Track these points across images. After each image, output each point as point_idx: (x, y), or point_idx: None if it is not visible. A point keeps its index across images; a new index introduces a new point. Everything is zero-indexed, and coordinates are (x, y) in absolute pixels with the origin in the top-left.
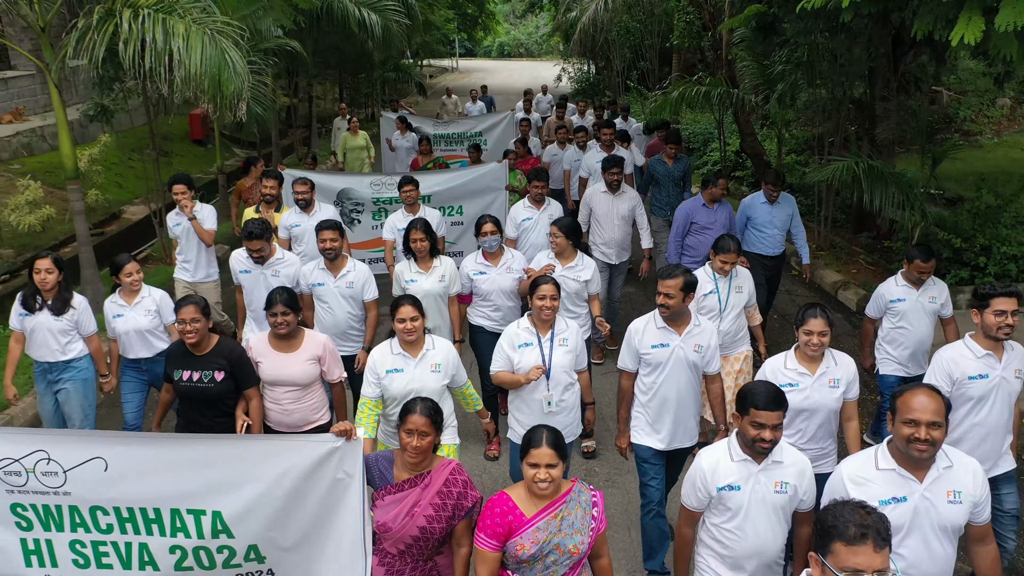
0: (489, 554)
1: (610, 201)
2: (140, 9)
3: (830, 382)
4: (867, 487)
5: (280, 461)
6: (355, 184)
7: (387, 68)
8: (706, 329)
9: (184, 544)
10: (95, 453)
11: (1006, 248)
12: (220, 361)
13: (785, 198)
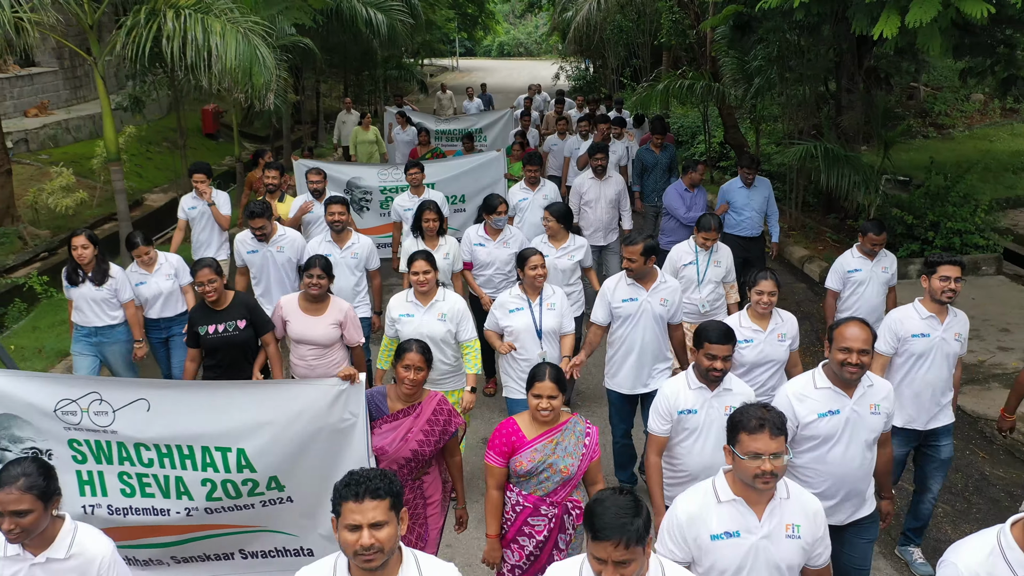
0: (496, 468)
1: (598, 186)
2: (181, 10)
3: (779, 336)
4: (807, 402)
5: (295, 403)
6: (363, 174)
7: (389, 66)
8: (671, 285)
9: (213, 477)
10: (140, 395)
11: (951, 224)
12: (240, 311)
13: (761, 182)
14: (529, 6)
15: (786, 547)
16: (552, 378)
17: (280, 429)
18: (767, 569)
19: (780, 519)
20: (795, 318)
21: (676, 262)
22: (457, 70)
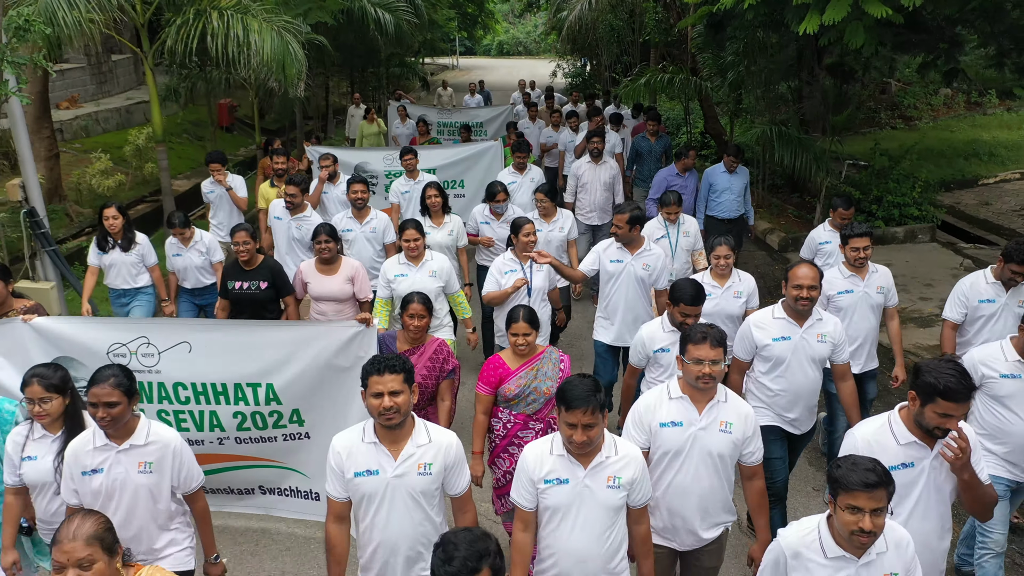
0: (484, 396)
1: (594, 170)
2: (224, 11)
3: (735, 293)
4: (765, 329)
5: (317, 342)
6: (370, 158)
7: (393, 64)
8: (655, 252)
9: (244, 410)
10: (183, 338)
11: (891, 198)
12: (264, 273)
13: (741, 170)
14: (528, 6)
15: (719, 439)
16: (525, 318)
17: (304, 364)
18: (701, 454)
19: (716, 416)
20: (753, 279)
21: (650, 237)
22: (457, 68)
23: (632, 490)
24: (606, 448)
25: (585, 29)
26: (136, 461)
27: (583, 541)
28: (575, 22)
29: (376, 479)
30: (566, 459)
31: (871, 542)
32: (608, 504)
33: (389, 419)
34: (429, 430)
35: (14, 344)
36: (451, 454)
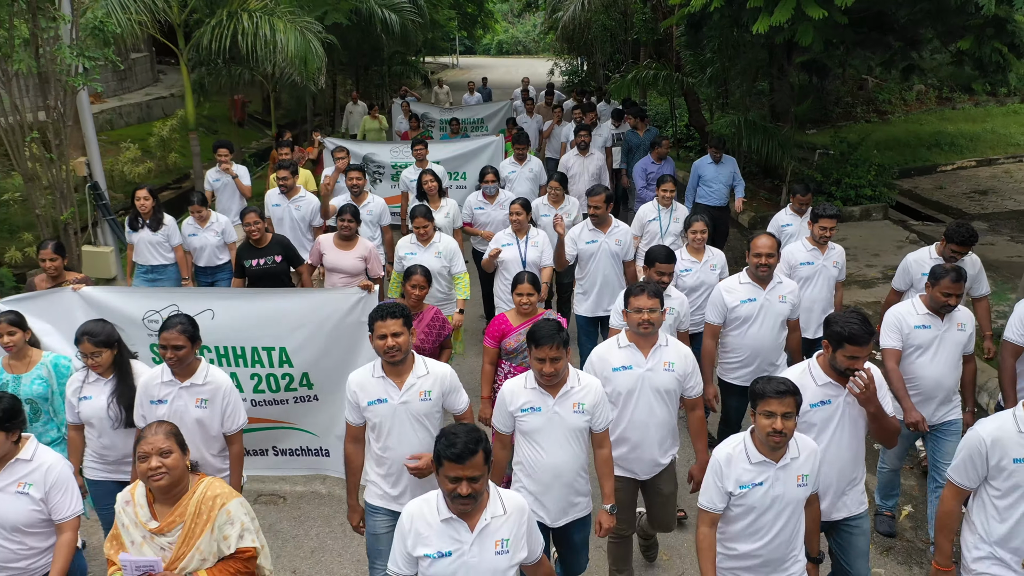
0: (490, 349)
1: (581, 162)
2: (253, 12)
3: (711, 267)
4: (733, 293)
5: (325, 307)
6: (378, 150)
7: (395, 62)
8: (623, 227)
9: (260, 372)
10: (208, 305)
11: (848, 180)
12: (277, 248)
13: (728, 159)
14: (526, 6)
15: (664, 377)
16: (529, 280)
17: (314, 328)
18: (651, 392)
19: (660, 358)
20: (723, 253)
21: (643, 218)
22: (457, 67)
23: (594, 414)
24: (571, 380)
25: (579, 29)
26: (194, 397)
27: (555, 458)
28: (569, 22)
29: (386, 406)
30: (538, 391)
31: (784, 442)
32: (574, 426)
33: (392, 356)
34: (427, 364)
35: (63, 311)
36: (446, 382)
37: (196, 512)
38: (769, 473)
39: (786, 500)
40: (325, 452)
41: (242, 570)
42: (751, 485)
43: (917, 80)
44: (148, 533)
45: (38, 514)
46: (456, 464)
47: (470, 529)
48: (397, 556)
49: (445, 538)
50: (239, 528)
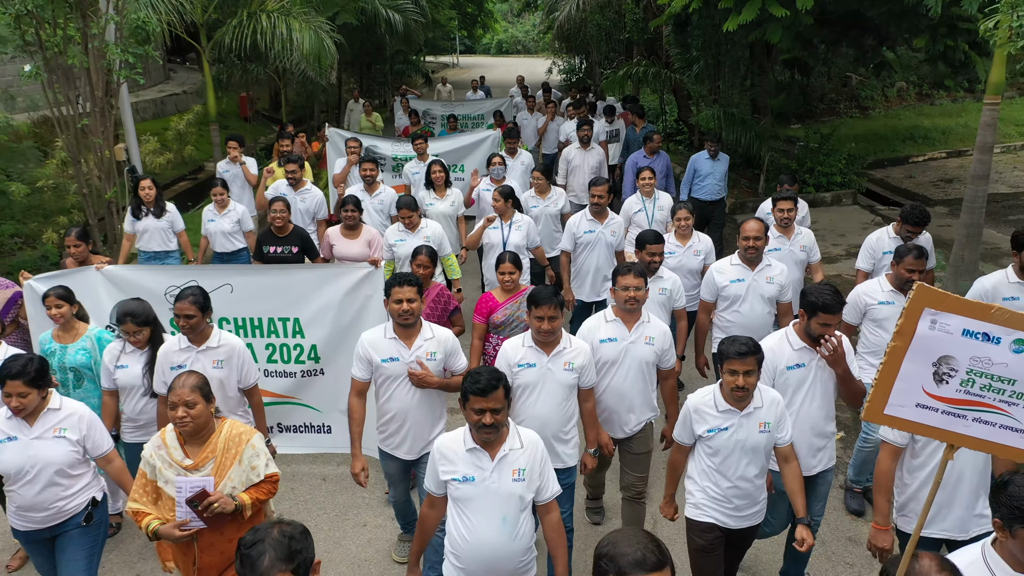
0: (479, 325)
1: (582, 155)
2: (270, 13)
3: (695, 252)
4: (724, 273)
5: (336, 280)
6: (380, 143)
7: (397, 61)
8: (617, 220)
9: (274, 343)
10: (226, 280)
11: (821, 168)
12: (296, 240)
13: (723, 156)
14: (525, 5)
15: (644, 350)
16: (510, 260)
17: (325, 300)
18: (632, 362)
19: (641, 333)
20: (711, 240)
21: (628, 211)
22: (457, 66)
23: (582, 373)
24: (564, 342)
25: (574, 28)
26: (211, 359)
27: (545, 409)
28: (564, 22)
29: (397, 364)
30: (534, 349)
31: (746, 396)
32: (564, 383)
33: (406, 319)
34: (433, 329)
35: (88, 288)
36: (449, 344)
37: (225, 448)
38: (734, 420)
39: (749, 444)
40: (327, 429)
41: (272, 491)
42: (717, 430)
43: (898, 77)
44: (183, 470)
45: (76, 454)
46: (481, 397)
47: (491, 458)
48: (431, 479)
49: (470, 465)
50: (264, 458)
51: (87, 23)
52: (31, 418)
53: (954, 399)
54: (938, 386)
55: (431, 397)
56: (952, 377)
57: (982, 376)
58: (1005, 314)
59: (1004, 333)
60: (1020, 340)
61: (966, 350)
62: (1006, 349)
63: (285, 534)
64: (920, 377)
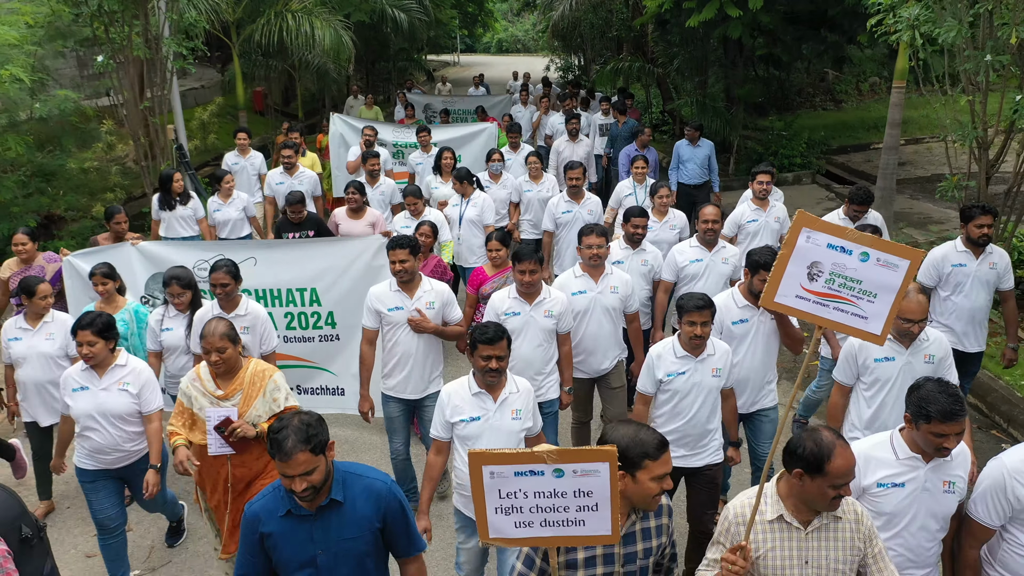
0: (470, 295)
1: (571, 147)
2: (295, 12)
3: (670, 226)
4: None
5: (352, 251)
6: (381, 129)
7: (400, 59)
8: (595, 199)
9: (293, 311)
10: (250, 254)
11: (784, 151)
12: (311, 224)
13: (704, 142)
14: (524, 5)
15: (610, 298)
16: (498, 239)
17: (341, 270)
18: (600, 310)
19: (607, 284)
20: (684, 216)
21: (620, 194)
22: (458, 64)
23: (560, 319)
24: (544, 292)
25: (569, 27)
26: (239, 325)
27: (528, 351)
28: (559, 21)
29: (400, 312)
30: (519, 299)
31: (702, 343)
32: (544, 328)
33: (402, 277)
34: (432, 283)
35: (124, 262)
36: (445, 296)
37: (251, 382)
38: (690, 365)
39: (703, 387)
40: (341, 391)
41: None
42: (676, 374)
43: (871, 72)
44: (215, 399)
45: (135, 406)
46: (488, 345)
47: (494, 400)
48: (438, 424)
49: (475, 407)
50: (284, 392)
51: (148, 21)
52: (100, 370)
53: (821, 292)
54: (811, 282)
55: (430, 343)
56: (820, 276)
57: (840, 277)
58: (854, 234)
59: (854, 247)
60: (865, 253)
61: (829, 258)
62: (856, 258)
63: (303, 421)
64: (799, 276)
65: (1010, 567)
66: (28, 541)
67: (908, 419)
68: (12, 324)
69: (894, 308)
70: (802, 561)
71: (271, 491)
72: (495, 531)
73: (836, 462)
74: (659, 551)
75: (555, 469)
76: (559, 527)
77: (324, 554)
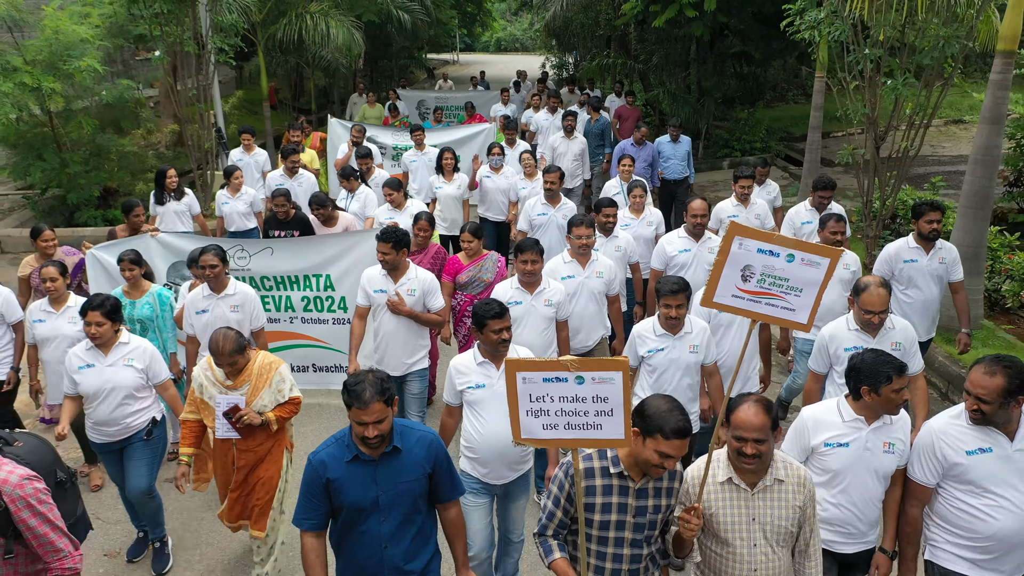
0: (447, 283)
1: (566, 143)
2: (313, 14)
3: (647, 223)
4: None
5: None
6: (380, 133)
7: (402, 57)
8: (570, 204)
9: (309, 295)
10: (267, 246)
11: (745, 137)
12: (297, 224)
13: (684, 139)
14: (522, 4)
15: (596, 282)
16: (470, 231)
17: (353, 259)
18: (587, 293)
19: (593, 269)
20: (660, 213)
21: (608, 192)
22: (458, 63)
23: (559, 308)
24: (543, 283)
25: (561, 26)
26: (229, 304)
27: (530, 337)
28: (552, 20)
29: (383, 295)
30: (520, 289)
31: (678, 324)
32: (545, 315)
33: (384, 266)
34: (417, 271)
35: (144, 253)
36: (427, 284)
37: (259, 374)
38: (668, 343)
39: (681, 362)
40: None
41: (294, 411)
42: (655, 350)
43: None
44: (224, 389)
45: (140, 380)
46: (498, 319)
47: (496, 368)
48: (449, 391)
49: (480, 375)
50: (289, 384)
51: (196, 22)
52: (105, 348)
53: (754, 291)
54: (744, 283)
55: (410, 326)
56: (752, 277)
57: (770, 276)
58: (780, 239)
59: (781, 250)
60: (791, 254)
61: (760, 260)
62: (783, 260)
63: (378, 376)
64: (733, 278)
65: (946, 518)
66: (63, 484)
67: (867, 391)
68: (37, 307)
69: (818, 300)
70: (749, 519)
71: (333, 442)
72: (526, 432)
73: (736, 414)
74: (667, 510)
75: (577, 376)
76: (580, 430)
77: (385, 495)
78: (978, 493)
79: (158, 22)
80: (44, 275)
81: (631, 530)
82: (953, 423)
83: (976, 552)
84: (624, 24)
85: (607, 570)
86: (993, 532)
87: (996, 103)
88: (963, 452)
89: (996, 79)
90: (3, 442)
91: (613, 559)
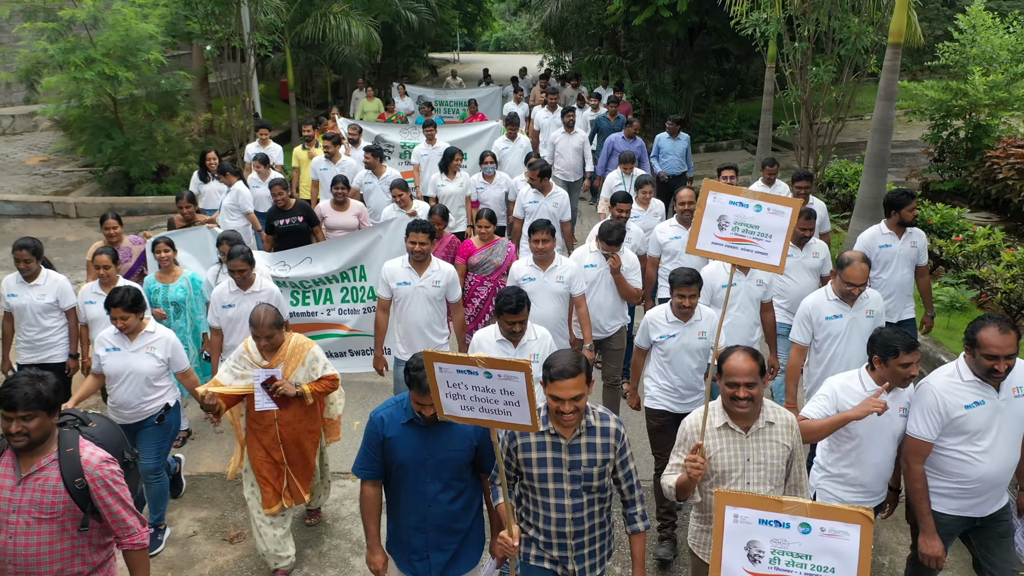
0: (460, 265)
1: (567, 138)
2: (335, 14)
3: (654, 215)
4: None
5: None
6: (388, 131)
7: (406, 55)
8: (561, 193)
9: (347, 286)
10: (307, 255)
11: (719, 123)
12: (299, 211)
13: (683, 136)
14: (520, 5)
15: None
16: (486, 216)
17: (381, 250)
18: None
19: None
20: (663, 204)
21: (610, 183)
22: (458, 62)
23: (571, 283)
24: (556, 260)
25: (557, 26)
26: (255, 300)
27: (544, 311)
28: (548, 20)
29: (408, 287)
30: (534, 267)
31: (690, 312)
32: (557, 291)
33: (417, 257)
34: (440, 264)
35: (201, 243)
36: (449, 276)
37: (292, 353)
38: (679, 329)
39: (691, 348)
40: (386, 351)
41: (330, 387)
42: (667, 336)
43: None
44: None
45: (160, 368)
46: (513, 314)
47: (514, 346)
48: None
49: (499, 352)
50: (323, 363)
51: (241, 20)
52: (132, 335)
53: (730, 238)
54: (721, 231)
55: (432, 315)
56: (728, 226)
57: (743, 224)
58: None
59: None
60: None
61: (732, 211)
62: (751, 210)
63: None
64: (712, 227)
65: (936, 465)
66: (128, 464)
67: (877, 360)
68: (89, 288)
69: (786, 243)
70: (745, 459)
71: (394, 403)
72: (447, 410)
73: (728, 363)
74: (603, 464)
75: (485, 372)
76: (493, 414)
77: (432, 459)
78: (972, 441)
79: (208, 21)
80: (98, 262)
81: (568, 482)
82: (950, 380)
83: (961, 494)
84: (613, 23)
85: (553, 519)
86: (981, 475)
87: (888, 84)
88: (962, 406)
89: (888, 65)
90: (80, 422)
91: (556, 509)
